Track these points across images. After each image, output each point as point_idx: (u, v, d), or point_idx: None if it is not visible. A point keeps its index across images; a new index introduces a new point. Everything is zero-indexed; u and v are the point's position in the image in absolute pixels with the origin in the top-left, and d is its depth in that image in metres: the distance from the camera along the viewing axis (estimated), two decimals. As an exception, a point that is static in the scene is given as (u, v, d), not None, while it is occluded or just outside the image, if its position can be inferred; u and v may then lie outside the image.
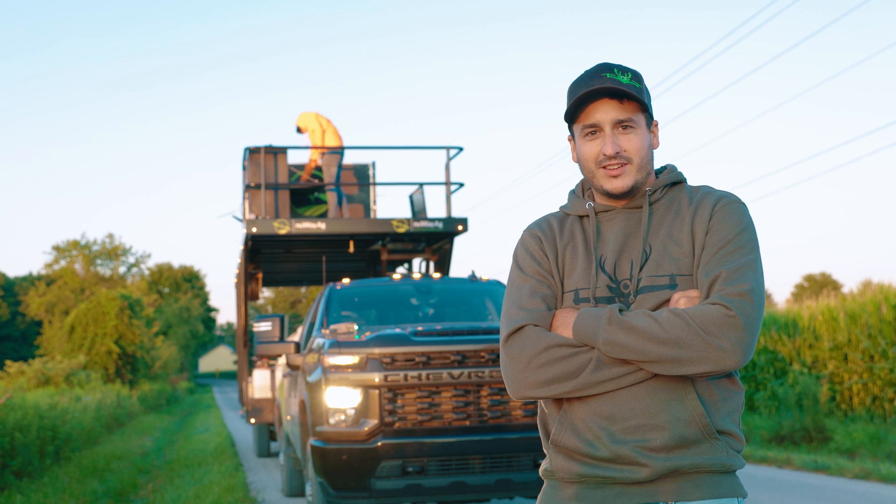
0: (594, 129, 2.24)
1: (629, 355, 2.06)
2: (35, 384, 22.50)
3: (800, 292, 71.79)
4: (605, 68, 2.23)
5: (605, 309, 2.12)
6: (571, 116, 2.28)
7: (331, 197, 12.71)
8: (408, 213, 13.83)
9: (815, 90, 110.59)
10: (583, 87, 2.23)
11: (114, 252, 68.88)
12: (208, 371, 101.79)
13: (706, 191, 2.28)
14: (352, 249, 12.85)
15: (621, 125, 2.22)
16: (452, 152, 12.29)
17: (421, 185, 13.16)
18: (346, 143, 12.85)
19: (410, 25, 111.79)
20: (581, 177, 2.40)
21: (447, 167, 12.27)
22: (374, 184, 13.49)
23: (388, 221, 11.91)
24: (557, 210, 2.43)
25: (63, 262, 67.79)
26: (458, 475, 6.67)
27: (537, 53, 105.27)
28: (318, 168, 13.13)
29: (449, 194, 12.30)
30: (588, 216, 2.32)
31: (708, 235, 2.17)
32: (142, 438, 19.19)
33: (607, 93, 2.21)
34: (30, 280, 71.56)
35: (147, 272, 76.09)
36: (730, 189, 2.31)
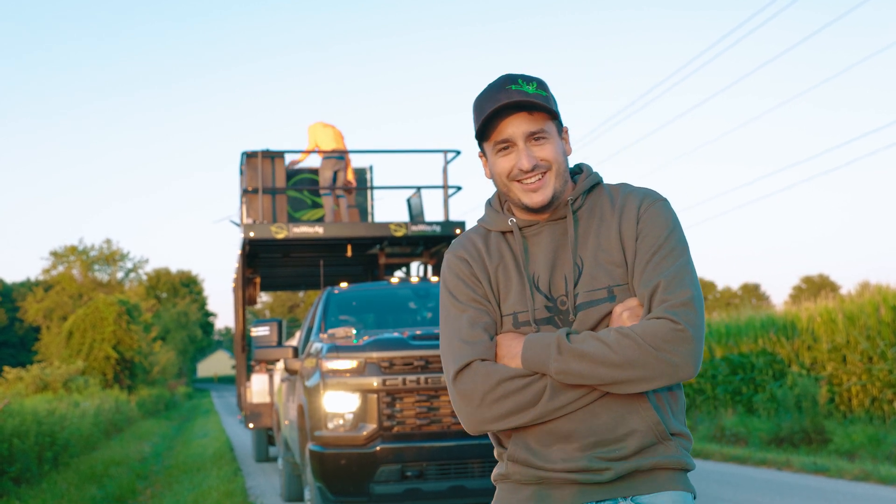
0: (507, 145, 2.19)
1: (584, 381, 2.05)
2: (33, 390, 22.45)
3: (798, 294, 71.84)
4: (508, 80, 2.17)
5: (552, 336, 2.08)
6: (481, 134, 2.23)
7: (326, 201, 12.68)
8: (405, 217, 13.81)
9: (813, 91, 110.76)
10: (489, 103, 2.16)
11: (111, 257, 68.86)
12: (206, 376, 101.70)
13: (627, 191, 2.24)
14: (349, 253, 12.83)
15: (534, 137, 2.17)
16: (450, 156, 12.27)
17: (418, 188, 13.14)
18: (346, 147, 12.80)
19: (410, 25, 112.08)
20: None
21: (444, 171, 12.26)
22: (372, 188, 13.47)
23: (385, 225, 11.89)
24: (476, 225, 2.36)
25: (61, 268, 67.79)
26: (458, 479, 6.65)
27: (537, 53, 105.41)
28: (315, 171, 13.13)
29: (447, 198, 12.28)
30: (512, 232, 2.27)
31: (638, 241, 2.15)
32: (140, 444, 19.16)
33: (516, 107, 2.15)
34: (28, 286, 71.53)
35: (145, 277, 76.10)
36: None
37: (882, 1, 70.98)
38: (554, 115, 2.19)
